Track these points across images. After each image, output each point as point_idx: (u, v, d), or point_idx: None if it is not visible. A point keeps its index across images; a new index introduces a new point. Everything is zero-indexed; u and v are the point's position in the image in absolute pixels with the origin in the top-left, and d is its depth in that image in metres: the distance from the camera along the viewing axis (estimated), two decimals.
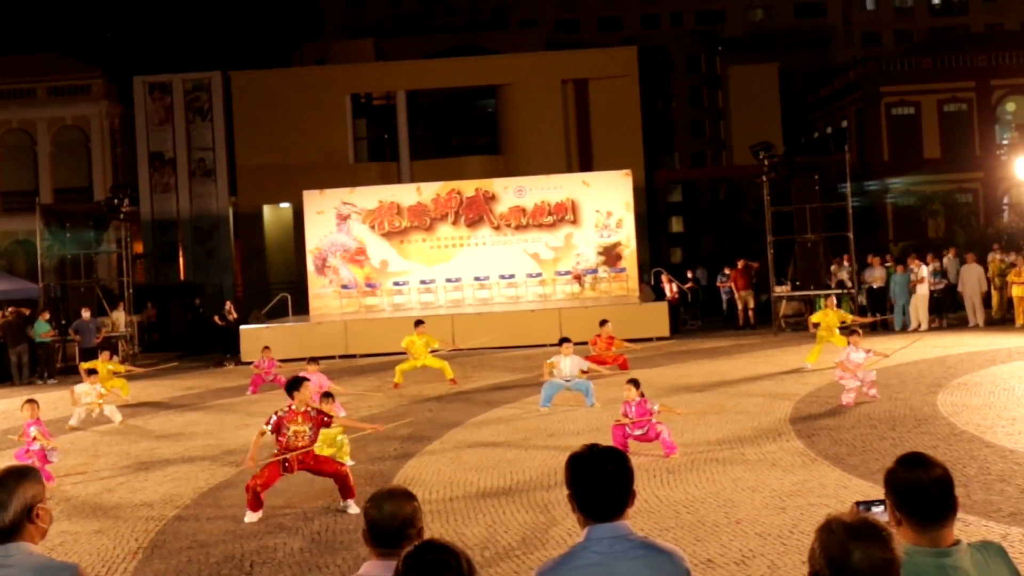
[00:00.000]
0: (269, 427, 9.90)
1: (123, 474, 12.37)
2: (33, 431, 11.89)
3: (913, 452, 3.37)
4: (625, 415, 11.77)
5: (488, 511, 9.57)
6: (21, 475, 3.53)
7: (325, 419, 10.15)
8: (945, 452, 10.64)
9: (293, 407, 9.92)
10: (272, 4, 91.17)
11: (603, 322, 19.83)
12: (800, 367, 18.36)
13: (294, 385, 10.05)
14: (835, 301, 20.78)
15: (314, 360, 16.44)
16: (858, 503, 3.38)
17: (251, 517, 9.62)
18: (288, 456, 9.76)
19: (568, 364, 15.61)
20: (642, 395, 11.89)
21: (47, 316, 26.37)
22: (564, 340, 16.02)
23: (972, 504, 8.61)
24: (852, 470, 10.25)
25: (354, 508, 9.58)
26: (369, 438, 13.79)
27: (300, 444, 9.84)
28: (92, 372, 17.36)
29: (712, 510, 9.07)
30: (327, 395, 12.52)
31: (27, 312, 26.73)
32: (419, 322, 20.12)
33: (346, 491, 9.76)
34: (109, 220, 29.01)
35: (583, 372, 15.93)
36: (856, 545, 2.75)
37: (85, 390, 16.60)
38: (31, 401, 12.40)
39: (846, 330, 14.84)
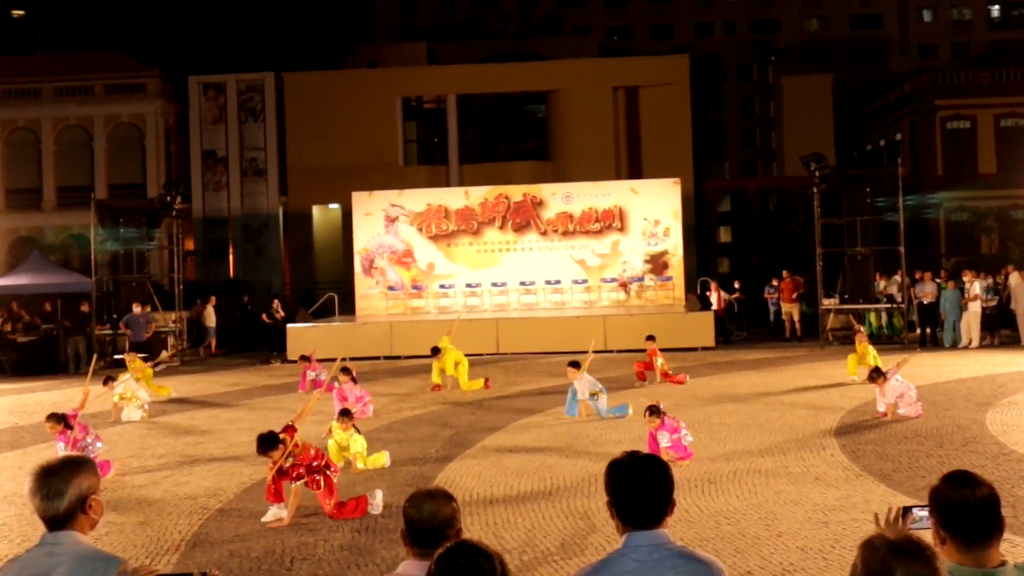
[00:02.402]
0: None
1: (168, 467, 12.52)
2: (61, 447, 11.63)
3: (960, 470, 3.33)
4: (655, 442, 11.58)
5: (528, 515, 9.56)
6: (78, 465, 3.59)
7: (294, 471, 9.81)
8: (993, 472, 10.47)
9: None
10: (325, 7, 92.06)
11: (650, 337, 19.30)
12: (845, 381, 18.18)
13: (269, 445, 9.74)
14: (866, 336, 20.22)
15: (347, 371, 16.17)
16: (905, 508, 3.34)
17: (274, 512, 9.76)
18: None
19: (581, 388, 15.15)
20: (662, 419, 11.71)
21: (147, 308, 27.17)
22: (573, 364, 15.35)
23: (1020, 525, 8.47)
24: (897, 486, 10.12)
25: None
26: (412, 440, 13.86)
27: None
28: (111, 379, 16.92)
29: (753, 522, 9.00)
30: (345, 412, 12.49)
31: (86, 307, 27.21)
32: (436, 350, 19.19)
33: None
34: (162, 217, 29.42)
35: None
36: (898, 563, 2.72)
37: (124, 380, 16.96)
38: (52, 418, 12.05)
39: (874, 373, 14.46)
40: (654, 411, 11.75)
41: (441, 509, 3.52)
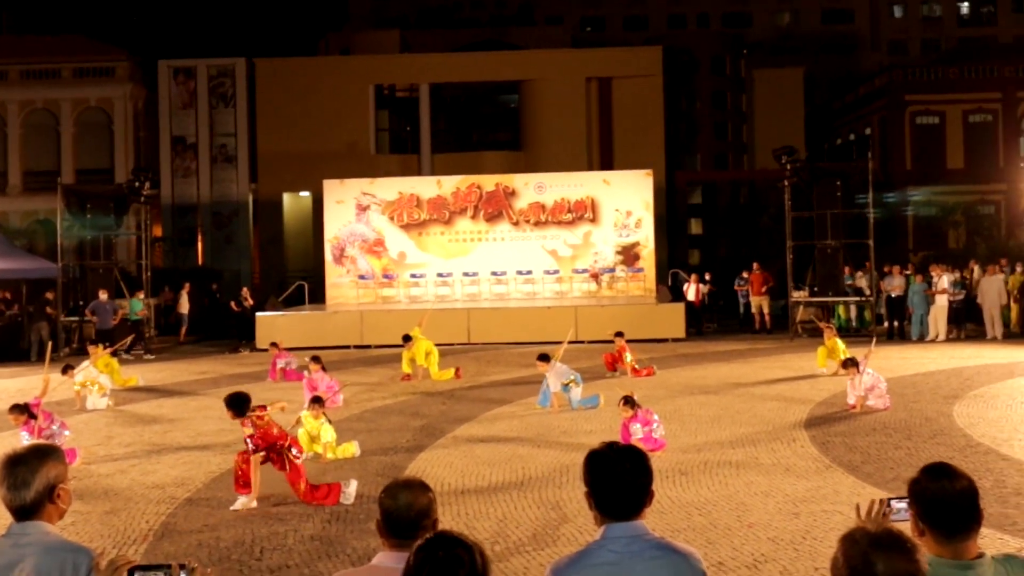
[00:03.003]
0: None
1: (135, 456, 12.40)
2: (25, 437, 11.31)
3: (939, 462, 3.33)
4: (627, 432, 11.57)
5: (499, 506, 9.54)
6: (45, 454, 3.51)
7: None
8: (960, 463, 10.38)
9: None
10: None
11: (618, 334, 19.23)
12: (815, 372, 18.30)
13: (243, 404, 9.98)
14: (835, 331, 20.17)
15: (316, 359, 16.20)
16: (889, 499, 3.34)
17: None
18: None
19: (553, 380, 15.09)
20: (636, 411, 11.75)
21: (141, 295, 27.28)
22: (542, 357, 15.28)
23: (987, 517, 8.48)
24: (866, 478, 10.18)
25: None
26: (383, 430, 13.80)
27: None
28: (69, 368, 16.50)
29: (724, 513, 9.02)
30: (316, 400, 12.44)
31: (51, 296, 26.90)
32: (407, 337, 19.06)
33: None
34: (130, 203, 29.07)
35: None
36: (879, 556, 2.71)
37: (83, 368, 16.71)
38: (15, 409, 11.73)
39: (848, 362, 14.62)
40: (628, 402, 11.77)
41: (418, 499, 3.46)
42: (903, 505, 3.30)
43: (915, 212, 45.40)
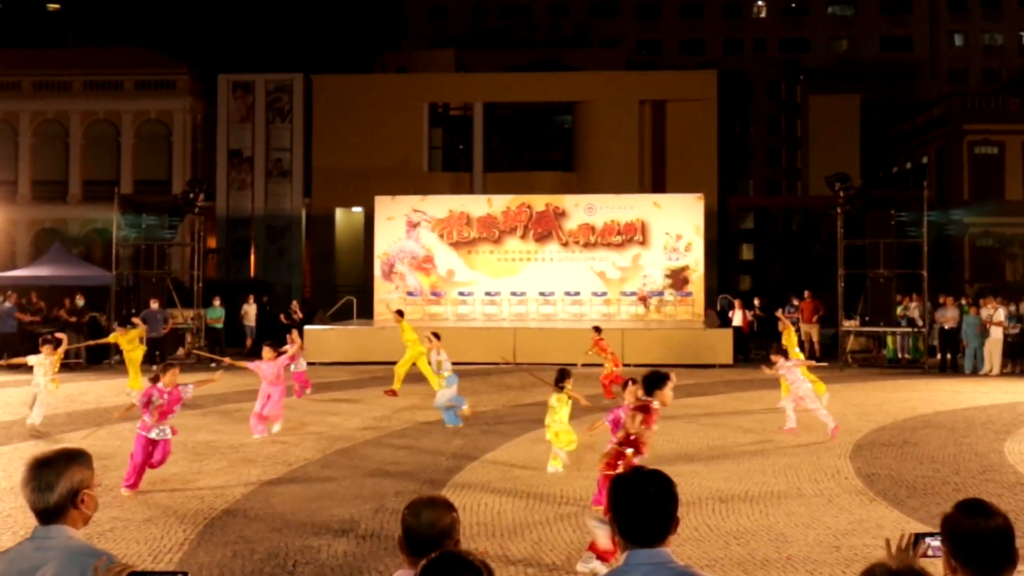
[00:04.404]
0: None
1: (177, 465, 12.48)
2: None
3: (974, 498, 3.23)
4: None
5: (535, 529, 9.47)
6: (72, 458, 3.52)
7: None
8: (1009, 501, 10.31)
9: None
10: (356, 11, 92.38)
11: (596, 329, 19.91)
12: (863, 404, 18.00)
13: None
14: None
15: (269, 345, 15.74)
16: (916, 535, 3.25)
17: None
18: None
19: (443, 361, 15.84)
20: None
21: (217, 302, 27.61)
22: (433, 334, 16.42)
23: None
24: (911, 512, 9.97)
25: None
26: (423, 448, 13.78)
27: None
28: (50, 342, 15.61)
29: (763, 544, 8.87)
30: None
31: (81, 299, 27.29)
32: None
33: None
34: (184, 213, 29.50)
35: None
36: None
37: (39, 360, 15.24)
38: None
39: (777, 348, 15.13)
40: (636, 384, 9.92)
41: (440, 518, 3.43)
42: (937, 543, 3.21)
43: (972, 243, 44.68)
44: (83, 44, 55.13)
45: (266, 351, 15.28)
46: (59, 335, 19.37)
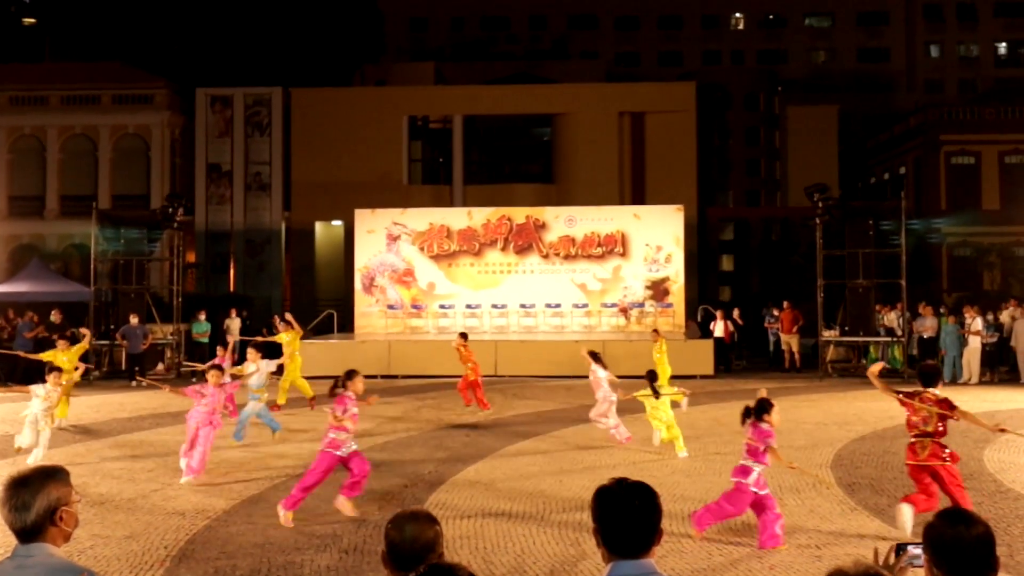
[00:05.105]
0: None
1: (158, 480, 12.41)
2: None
3: (955, 507, 3.26)
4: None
5: (519, 540, 9.46)
6: (47, 475, 3.50)
7: None
8: (989, 509, 10.37)
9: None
10: (335, 24, 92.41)
11: (462, 334, 19.86)
12: (844, 413, 18.06)
13: None
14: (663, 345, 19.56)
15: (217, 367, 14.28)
16: (900, 545, 3.27)
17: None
18: None
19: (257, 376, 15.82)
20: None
21: (203, 316, 27.52)
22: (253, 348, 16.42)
23: (1015, 565, 8.37)
24: (892, 522, 9.99)
25: None
26: (405, 461, 13.74)
27: None
28: (56, 370, 14.23)
29: (746, 554, 8.89)
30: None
31: (57, 317, 27.01)
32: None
33: None
34: (163, 228, 29.38)
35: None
36: None
37: (44, 393, 13.64)
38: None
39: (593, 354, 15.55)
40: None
41: (423, 532, 3.44)
42: (919, 551, 3.23)
43: (949, 252, 45.02)
44: (59, 58, 54.90)
45: (213, 375, 13.38)
46: (83, 330, 19.15)
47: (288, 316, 21.21)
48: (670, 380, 17.68)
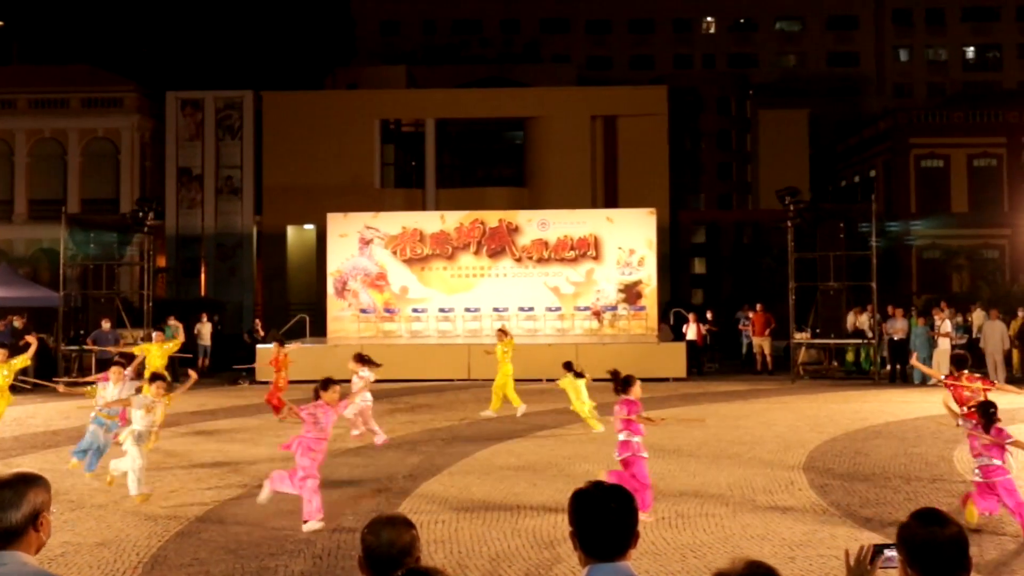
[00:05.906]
0: None
1: (128, 488, 12.29)
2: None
3: (929, 508, 3.28)
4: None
5: (493, 544, 9.45)
6: (31, 480, 3.47)
7: None
8: (960, 510, 10.44)
9: None
10: (306, 27, 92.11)
11: (280, 342, 20.46)
12: (816, 415, 18.16)
13: None
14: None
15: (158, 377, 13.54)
16: (875, 546, 3.29)
17: None
18: None
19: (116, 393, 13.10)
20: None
21: (173, 320, 27.21)
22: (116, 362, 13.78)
23: (984, 564, 8.45)
24: (864, 523, 10.09)
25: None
26: (379, 465, 13.70)
27: None
28: (158, 378, 13.11)
29: (719, 556, 8.92)
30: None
31: (19, 322, 26.78)
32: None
33: None
34: (133, 232, 29.15)
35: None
36: None
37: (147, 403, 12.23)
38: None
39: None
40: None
41: (400, 536, 3.43)
42: (893, 553, 3.25)
43: (919, 255, 45.42)
44: (28, 62, 54.45)
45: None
46: (133, 349, 17.89)
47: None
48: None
